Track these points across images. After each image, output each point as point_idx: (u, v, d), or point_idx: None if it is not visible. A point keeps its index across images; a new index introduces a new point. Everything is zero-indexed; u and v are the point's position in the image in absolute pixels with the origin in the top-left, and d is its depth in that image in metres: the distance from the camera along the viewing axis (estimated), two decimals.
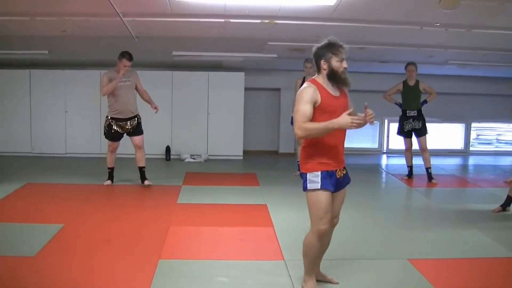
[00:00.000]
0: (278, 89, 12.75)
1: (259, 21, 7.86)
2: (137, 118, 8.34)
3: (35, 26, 8.00)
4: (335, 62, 4.07)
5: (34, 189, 8.14)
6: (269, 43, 9.36)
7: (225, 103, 11.89)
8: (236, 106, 11.94)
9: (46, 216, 6.55)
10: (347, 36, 8.28)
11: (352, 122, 3.87)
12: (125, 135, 8.37)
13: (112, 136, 8.29)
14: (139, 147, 8.42)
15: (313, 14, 7.50)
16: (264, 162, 11.83)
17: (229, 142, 12.00)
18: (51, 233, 5.71)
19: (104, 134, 8.39)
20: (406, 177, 9.69)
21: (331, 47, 4.08)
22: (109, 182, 8.57)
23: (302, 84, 9.35)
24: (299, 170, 9.73)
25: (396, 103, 9.45)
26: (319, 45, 4.15)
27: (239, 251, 5.41)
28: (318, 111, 4.07)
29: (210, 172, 10.26)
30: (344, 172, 4.31)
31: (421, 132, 9.33)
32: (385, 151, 13.39)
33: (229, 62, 11.50)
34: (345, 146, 4.28)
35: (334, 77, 4.10)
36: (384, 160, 12.50)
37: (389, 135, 13.17)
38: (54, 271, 4.68)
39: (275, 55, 10.39)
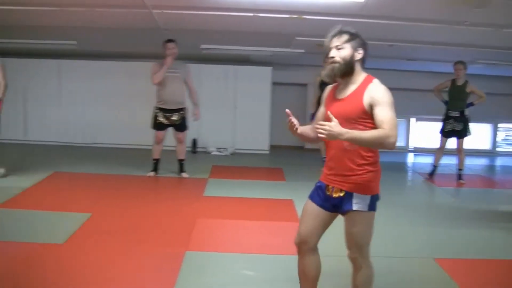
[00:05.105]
0: (305, 85, 12.70)
1: (287, 15, 7.86)
2: (183, 112, 8.43)
3: (62, 16, 8.04)
4: None
5: (61, 178, 8.27)
6: (297, 38, 9.34)
7: (252, 97, 11.94)
8: (263, 101, 11.98)
9: (74, 204, 6.64)
10: (375, 33, 8.33)
11: None
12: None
13: (157, 126, 8.38)
14: (180, 142, 8.58)
15: (342, 10, 7.46)
16: (290, 157, 11.85)
17: (255, 136, 12.07)
18: (79, 222, 5.80)
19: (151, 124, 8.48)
20: (428, 176, 9.65)
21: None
22: (152, 173, 8.71)
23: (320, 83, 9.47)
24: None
25: (442, 101, 9.35)
26: None
27: (265, 245, 5.43)
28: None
29: (236, 165, 10.34)
30: (342, 194, 3.41)
31: (461, 134, 9.19)
32: (411, 149, 13.30)
33: (257, 56, 11.51)
34: None
35: None
36: (410, 158, 12.47)
37: (415, 133, 13.07)
38: (83, 258, 4.76)
39: (303, 50, 10.37)
